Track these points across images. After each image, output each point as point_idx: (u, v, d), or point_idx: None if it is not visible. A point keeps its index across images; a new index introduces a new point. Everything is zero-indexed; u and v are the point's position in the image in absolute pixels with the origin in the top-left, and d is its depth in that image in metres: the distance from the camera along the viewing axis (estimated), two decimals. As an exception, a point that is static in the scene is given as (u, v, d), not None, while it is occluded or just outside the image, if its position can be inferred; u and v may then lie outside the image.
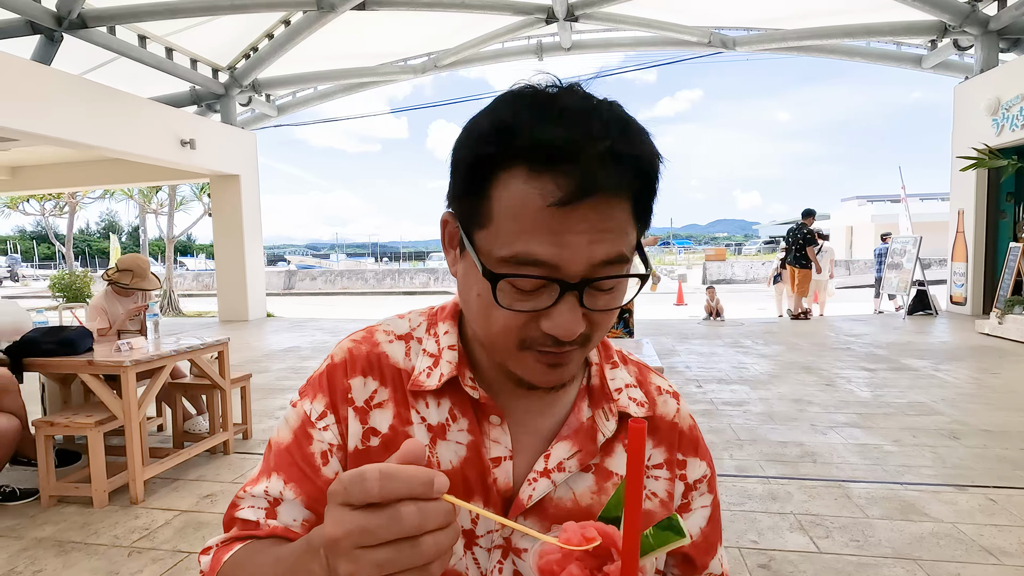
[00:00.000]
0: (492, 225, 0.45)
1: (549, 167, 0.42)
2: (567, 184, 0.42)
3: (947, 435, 3.32)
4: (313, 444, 0.54)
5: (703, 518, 0.61)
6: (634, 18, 9.01)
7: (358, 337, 0.60)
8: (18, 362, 2.71)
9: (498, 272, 0.45)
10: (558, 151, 0.42)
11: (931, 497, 2.53)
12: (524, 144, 0.43)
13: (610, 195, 0.43)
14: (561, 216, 0.42)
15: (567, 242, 0.43)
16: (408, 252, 58.82)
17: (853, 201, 30.68)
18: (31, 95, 6.25)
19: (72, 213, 16.15)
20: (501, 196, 0.44)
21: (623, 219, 0.45)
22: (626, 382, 0.60)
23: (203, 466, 3.10)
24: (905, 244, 8.94)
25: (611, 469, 0.56)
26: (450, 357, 0.55)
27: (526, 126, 0.43)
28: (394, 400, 0.56)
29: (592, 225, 0.43)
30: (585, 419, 0.56)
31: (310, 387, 0.58)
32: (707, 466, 0.62)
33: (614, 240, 0.45)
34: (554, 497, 0.53)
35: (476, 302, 0.48)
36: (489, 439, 0.54)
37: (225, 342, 3.28)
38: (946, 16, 8.01)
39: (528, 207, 0.43)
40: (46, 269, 35.63)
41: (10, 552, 2.23)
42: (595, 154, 0.42)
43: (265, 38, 9.45)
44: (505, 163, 0.44)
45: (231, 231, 9.86)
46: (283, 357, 6.42)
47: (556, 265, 0.44)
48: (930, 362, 5.28)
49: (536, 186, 0.43)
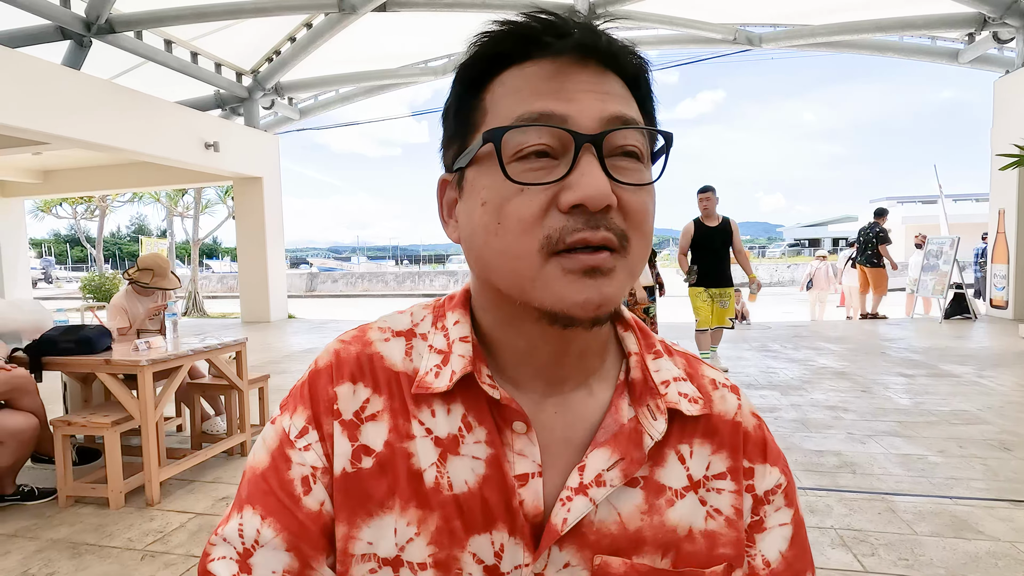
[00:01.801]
0: (488, 116, 0.42)
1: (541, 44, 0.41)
2: (560, 45, 0.41)
3: (997, 446, 3.11)
4: (292, 468, 0.45)
5: (783, 539, 0.49)
6: (657, 15, 8.85)
7: (347, 337, 0.50)
8: (37, 361, 2.71)
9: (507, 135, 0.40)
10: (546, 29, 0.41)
11: (985, 513, 2.35)
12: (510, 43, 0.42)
13: (605, 65, 0.42)
14: (559, 75, 0.41)
15: (572, 98, 0.40)
16: (428, 255, 59.17)
17: (883, 202, 29.89)
18: (62, 99, 6.37)
19: (102, 216, 16.54)
20: (494, 93, 0.43)
21: (624, 92, 0.43)
22: (674, 375, 0.49)
23: (220, 468, 3.06)
24: (942, 245, 8.61)
25: (663, 482, 0.45)
26: (462, 350, 0.46)
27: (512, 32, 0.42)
28: (390, 410, 0.46)
29: (595, 87, 0.41)
30: (627, 420, 0.46)
31: (291, 399, 0.48)
32: (780, 473, 0.50)
33: (623, 103, 0.42)
34: (594, 520, 0.43)
35: (483, 216, 0.41)
36: (513, 451, 0.44)
37: (243, 342, 3.25)
38: (985, 8, 7.69)
39: (524, 77, 0.41)
40: (78, 271, 36.67)
41: (25, 553, 2.20)
42: (586, 27, 0.42)
43: (288, 41, 9.54)
44: (495, 71, 0.43)
45: (254, 233, 9.96)
46: (302, 358, 6.42)
47: (564, 117, 0.40)
48: (972, 368, 5.02)
49: (529, 63, 0.42)
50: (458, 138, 0.45)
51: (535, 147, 0.40)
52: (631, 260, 0.41)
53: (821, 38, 9.03)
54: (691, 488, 0.46)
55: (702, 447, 0.48)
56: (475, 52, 0.44)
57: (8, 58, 5.86)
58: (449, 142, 0.47)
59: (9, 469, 2.58)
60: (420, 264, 48.57)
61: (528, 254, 0.39)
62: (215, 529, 0.46)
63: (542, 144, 0.40)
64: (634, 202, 0.41)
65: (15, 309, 3.07)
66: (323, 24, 8.56)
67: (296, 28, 9.29)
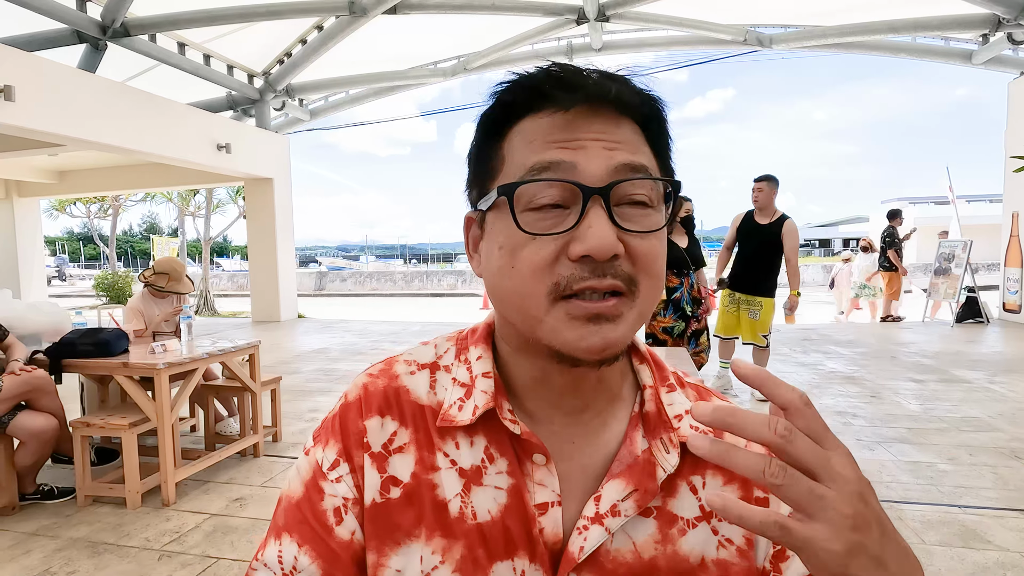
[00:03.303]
0: (506, 164, 0.45)
1: (553, 96, 0.43)
2: (571, 98, 0.42)
3: (1008, 454, 3.10)
4: (325, 499, 0.48)
5: None
6: (667, 17, 8.83)
7: (375, 371, 0.53)
8: (56, 363, 2.76)
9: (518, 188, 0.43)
10: (559, 82, 0.43)
11: (994, 522, 2.35)
12: (527, 91, 0.44)
13: (617, 111, 0.43)
14: (570, 125, 0.43)
15: (580, 146, 0.42)
16: (436, 254, 59.26)
17: (894, 203, 29.59)
18: (78, 102, 6.46)
19: (115, 215, 16.73)
20: (512, 141, 0.45)
21: (637, 138, 0.44)
22: (686, 407, 0.51)
23: (233, 468, 3.12)
24: (954, 248, 8.53)
25: (676, 512, 0.47)
26: (484, 386, 0.48)
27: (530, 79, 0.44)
28: (416, 442, 0.48)
29: (604, 135, 0.43)
30: (640, 451, 0.48)
31: (323, 431, 0.51)
32: None
33: (632, 151, 0.43)
34: (610, 548, 0.46)
35: (499, 259, 0.44)
36: (533, 482, 0.46)
37: (256, 345, 3.30)
38: (1000, 8, 7.60)
39: (538, 128, 0.44)
40: (91, 269, 37.12)
41: (46, 551, 2.26)
42: (596, 79, 0.43)
43: (299, 43, 9.61)
44: (512, 120, 0.45)
45: (264, 233, 10.04)
46: (313, 358, 6.48)
47: (573, 166, 0.42)
48: (984, 374, 4.98)
49: (543, 114, 0.44)
50: (480, 181, 0.48)
51: (545, 199, 0.42)
52: (640, 303, 0.43)
53: (833, 39, 8.96)
54: (703, 518, 0.48)
55: (714, 478, 0.49)
56: (494, 102, 0.46)
57: (26, 62, 5.96)
58: (472, 183, 0.49)
59: (30, 469, 2.64)
60: (428, 263, 48.68)
61: (537, 297, 0.42)
62: (255, 554, 0.49)
63: (552, 196, 0.42)
64: (642, 248, 0.43)
65: (35, 311, 3.14)
66: (334, 26, 8.61)
67: (307, 30, 9.36)
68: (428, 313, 12.89)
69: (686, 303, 4.00)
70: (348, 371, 5.77)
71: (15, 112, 5.74)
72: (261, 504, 2.68)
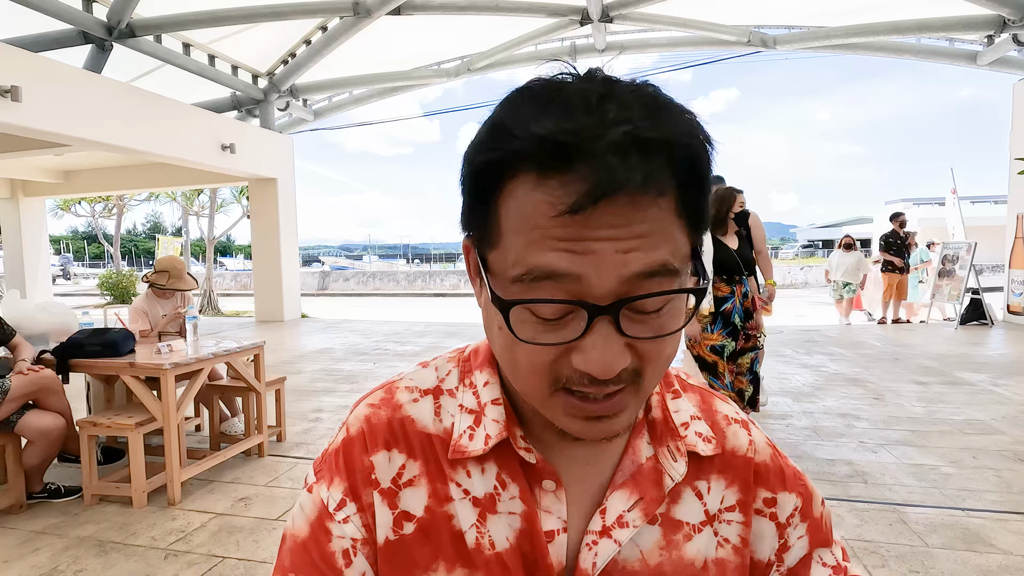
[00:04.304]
0: (502, 243, 0.38)
1: (557, 167, 0.34)
2: (580, 185, 0.34)
3: (1011, 457, 3.10)
4: (333, 541, 0.45)
5: (802, 548, 0.51)
6: (670, 18, 8.84)
7: (375, 400, 0.50)
8: (64, 363, 2.79)
9: (511, 298, 0.37)
10: (564, 147, 0.34)
11: (997, 526, 2.35)
12: (524, 144, 0.35)
13: (639, 193, 0.34)
14: (579, 224, 0.34)
15: (589, 250, 0.35)
16: (439, 254, 59.29)
17: (898, 204, 29.48)
18: (84, 103, 6.50)
19: (119, 215, 16.81)
20: (508, 208, 0.37)
21: (662, 221, 0.36)
22: (691, 414, 0.51)
23: (238, 468, 3.13)
24: (958, 250, 8.51)
25: (679, 518, 0.47)
26: (495, 415, 0.47)
27: (526, 122, 0.35)
28: (427, 474, 0.47)
29: (619, 232, 0.34)
30: (645, 459, 0.48)
31: (325, 467, 0.49)
32: (797, 496, 0.52)
33: (652, 247, 0.35)
34: (619, 560, 0.45)
35: (499, 337, 0.40)
36: (540, 509, 0.46)
37: (261, 345, 3.32)
38: (1005, 10, 7.58)
39: (538, 216, 0.35)
40: (95, 268, 37.26)
41: (54, 550, 2.28)
42: (612, 143, 0.33)
43: (303, 44, 9.65)
44: (507, 170, 0.36)
45: (268, 234, 10.08)
46: (316, 358, 6.50)
47: (579, 278, 0.35)
48: (988, 376, 4.98)
49: (545, 192, 0.35)
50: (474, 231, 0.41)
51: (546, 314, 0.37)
52: (644, 388, 0.41)
53: (837, 40, 8.95)
54: (707, 522, 0.49)
55: (718, 482, 0.50)
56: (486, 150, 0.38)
57: (32, 62, 6.00)
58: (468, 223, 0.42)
59: (37, 468, 2.66)
60: (431, 263, 48.69)
61: (537, 385, 0.40)
62: None
63: (553, 311, 0.37)
64: (652, 349, 0.38)
65: (42, 312, 3.17)
66: (338, 27, 8.64)
67: (311, 31, 9.39)
68: (431, 313, 12.91)
69: (737, 315, 3.32)
70: (352, 371, 5.79)
71: (22, 112, 5.78)
72: (266, 504, 2.70)
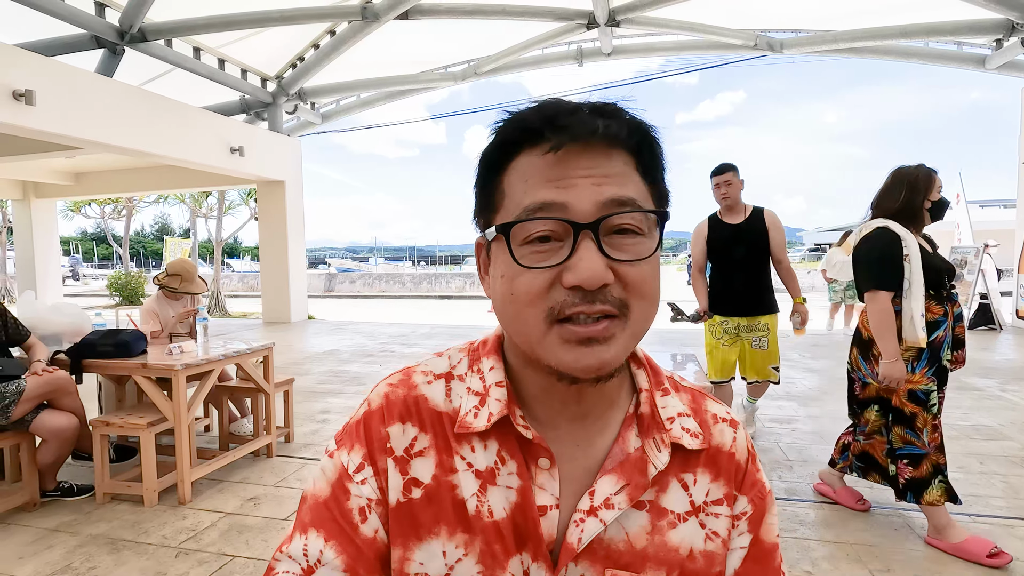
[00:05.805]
0: (505, 200, 0.48)
1: (546, 131, 0.46)
2: (563, 136, 0.45)
3: (1019, 463, 3.09)
4: (351, 499, 0.51)
5: (738, 559, 0.55)
6: (677, 22, 8.85)
7: (395, 380, 0.57)
8: (77, 363, 2.83)
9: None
10: (551, 117, 0.46)
11: (1004, 531, 2.35)
12: (522, 123, 0.47)
13: (605, 143, 0.46)
14: (561, 163, 0.46)
15: (571, 184, 0.45)
16: (444, 256, 59.39)
17: (906, 207, 29.24)
18: (96, 106, 6.59)
19: (129, 216, 16.97)
20: (511, 178, 0.48)
21: (626, 167, 0.47)
22: (679, 410, 0.55)
23: (247, 468, 3.17)
24: (966, 254, 8.46)
25: (666, 507, 0.52)
26: (498, 395, 0.52)
27: (523, 113, 0.48)
28: (435, 447, 0.53)
29: (593, 171, 0.46)
30: (632, 449, 0.52)
31: (347, 436, 0.55)
32: (748, 502, 0.56)
33: (620, 184, 0.46)
34: (604, 538, 0.50)
35: (501, 286, 0.48)
36: (536, 485, 0.51)
37: (270, 347, 3.35)
38: (1014, 14, 7.55)
39: (531, 167, 0.47)
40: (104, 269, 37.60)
41: (68, 548, 2.31)
42: (585, 113, 0.46)
43: (311, 48, 9.72)
44: (510, 147, 0.48)
45: (276, 236, 10.15)
46: (324, 360, 6.54)
47: (564, 205, 0.45)
48: (996, 381, 4.95)
49: (536, 151, 0.47)
50: (484, 213, 0.52)
51: (540, 233, 0.46)
52: (633, 323, 0.47)
53: (844, 44, 8.93)
54: (692, 513, 0.53)
55: (704, 475, 0.54)
56: (492, 140, 0.50)
57: (46, 66, 6.09)
58: (478, 213, 0.53)
59: (51, 466, 2.70)
60: (437, 265, 48.77)
61: (535, 321, 0.46)
62: (279, 547, 0.52)
63: (546, 230, 0.46)
64: (632, 274, 0.46)
65: (56, 313, 3.21)
66: (346, 31, 8.70)
67: (320, 35, 9.47)
68: (437, 315, 12.95)
69: (947, 347, 2.37)
70: (358, 373, 5.83)
71: (36, 115, 5.86)
72: (275, 504, 2.73)
